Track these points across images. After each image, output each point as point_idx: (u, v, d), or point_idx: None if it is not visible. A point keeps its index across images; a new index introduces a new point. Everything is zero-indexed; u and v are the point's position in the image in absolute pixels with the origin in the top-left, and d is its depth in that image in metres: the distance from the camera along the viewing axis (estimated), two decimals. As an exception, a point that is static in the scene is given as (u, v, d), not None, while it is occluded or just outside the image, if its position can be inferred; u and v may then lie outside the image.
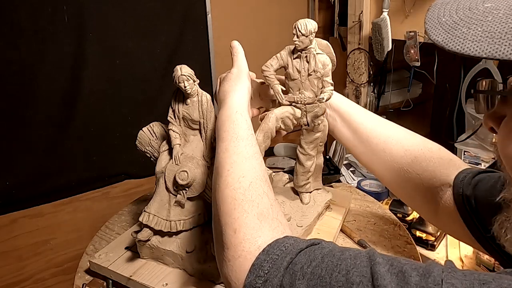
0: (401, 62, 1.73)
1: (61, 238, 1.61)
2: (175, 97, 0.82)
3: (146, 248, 0.81)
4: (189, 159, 0.79)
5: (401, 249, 0.91)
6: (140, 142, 0.90)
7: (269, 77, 0.80)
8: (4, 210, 1.44)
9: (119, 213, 1.07)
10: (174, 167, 0.78)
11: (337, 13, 2.07)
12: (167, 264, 0.81)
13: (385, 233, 0.96)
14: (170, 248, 0.79)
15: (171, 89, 0.85)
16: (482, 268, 1.08)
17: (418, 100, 2.20)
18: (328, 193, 0.98)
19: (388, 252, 0.90)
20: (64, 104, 1.45)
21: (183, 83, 0.76)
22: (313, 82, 0.79)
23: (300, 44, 0.76)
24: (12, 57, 1.32)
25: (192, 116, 0.80)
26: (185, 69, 0.77)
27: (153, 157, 0.90)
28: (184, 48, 1.68)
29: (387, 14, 1.62)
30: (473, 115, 1.53)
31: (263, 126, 0.78)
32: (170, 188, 0.79)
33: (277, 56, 0.81)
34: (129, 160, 1.62)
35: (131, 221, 1.02)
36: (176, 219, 0.79)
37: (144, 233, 0.78)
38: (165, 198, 0.79)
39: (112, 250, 0.86)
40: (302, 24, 0.75)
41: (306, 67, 0.79)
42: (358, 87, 1.97)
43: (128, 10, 1.51)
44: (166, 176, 0.78)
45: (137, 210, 1.07)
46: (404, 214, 1.31)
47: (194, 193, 0.79)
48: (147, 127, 0.90)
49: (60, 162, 1.50)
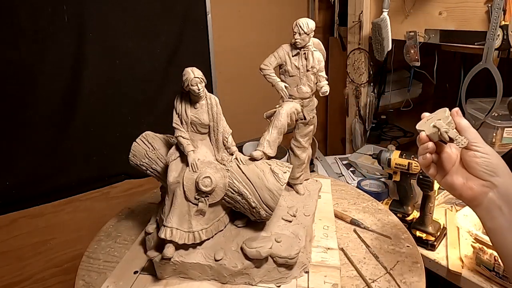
0: (401, 62, 1.73)
1: (61, 238, 1.61)
2: (180, 101, 0.77)
3: (168, 265, 0.76)
4: (206, 165, 0.76)
5: (385, 221, 1.05)
6: (135, 155, 0.85)
7: (270, 75, 0.83)
8: (4, 210, 1.44)
9: (97, 240, 0.98)
10: (193, 174, 0.74)
11: (337, 13, 2.07)
12: (193, 278, 0.77)
13: (367, 209, 1.10)
14: (197, 260, 0.75)
15: (171, 89, 0.84)
16: (482, 268, 1.08)
17: (418, 100, 2.20)
18: (317, 181, 1.04)
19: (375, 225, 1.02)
20: (64, 104, 1.45)
21: (197, 86, 0.73)
22: (310, 77, 0.84)
23: (301, 42, 0.80)
24: (12, 57, 1.32)
25: (201, 120, 0.77)
26: (197, 72, 0.73)
27: (150, 169, 0.85)
28: (184, 48, 1.68)
29: (387, 14, 1.62)
30: (473, 115, 1.53)
31: (276, 123, 0.81)
32: (190, 197, 0.74)
33: (274, 55, 0.84)
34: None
35: (115, 245, 0.95)
36: (199, 229, 0.75)
37: (170, 250, 0.74)
38: (185, 209, 0.75)
39: (119, 278, 0.79)
40: (304, 23, 0.79)
41: (305, 64, 0.83)
42: (358, 87, 1.97)
43: (128, 10, 1.51)
44: (184, 186, 0.74)
45: (114, 231, 1.00)
46: (404, 214, 1.31)
47: (215, 199, 0.76)
48: (140, 139, 0.86)
49: (60, 162, 1.50)
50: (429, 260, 1.20)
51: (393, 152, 1.33)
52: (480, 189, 0.62)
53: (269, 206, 0.76)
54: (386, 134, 2.21)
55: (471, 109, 1.55)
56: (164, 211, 0.77)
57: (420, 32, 1.57)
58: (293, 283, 0.76)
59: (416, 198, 1.34)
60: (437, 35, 1.52)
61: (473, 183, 0.63)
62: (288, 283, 0.75)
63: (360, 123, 2.04)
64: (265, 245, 0.74)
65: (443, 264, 1.17)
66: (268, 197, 0.76)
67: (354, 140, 2.07)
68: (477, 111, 1.52)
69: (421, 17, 1.56)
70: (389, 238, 0.96)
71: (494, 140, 1.49)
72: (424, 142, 0.65)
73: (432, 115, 0.68)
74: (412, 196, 1.32)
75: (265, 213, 0.77)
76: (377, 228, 1.00)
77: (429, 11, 1.53)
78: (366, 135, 2.07)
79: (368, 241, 0.94)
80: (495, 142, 1.49)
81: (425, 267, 0.87)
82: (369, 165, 1.75)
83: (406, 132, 2.26)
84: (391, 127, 2.29)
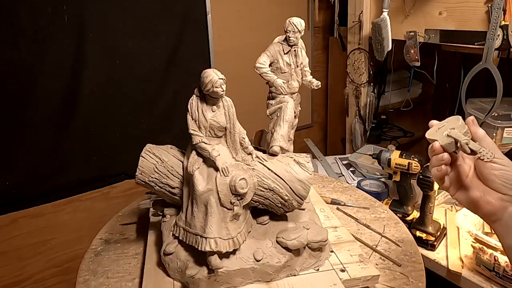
0: (401, 62, 1.73)
1: (61, 238, 1.61)
2: (196, 106, 0.74)
3: (213, 280, 0.73)
4: (234, 167, 0.74)
5: (356, 196, 1.18)
6: (143, 172, 0.78)
7: (267, 73, 0.86)
8: (4, 210, 1.45)
9: (83, 277, 0.85)
10: (225, 179, 0.72)
11: (337, 13, 2.07)
12: (236, 286, 0.75)
13: (336, 189, 1.21)
14: (239, 266, 0.73)
15: (171, 89, 0.84)
16: (482, 268, 1.08)
17: (418, 100, 2.20)
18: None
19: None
20: (64, 104, 1.45)
21: (221, 87, 0.71)
22: (298, 73, 0.89)
23: (295, 40, 0.85)
24: (12, 57, 1.32)
25: (220, 123, 0.75)
26: (219, 72, 0.71)
27: (159, 185, 0.79)
28: (184, 48, 1.68)
29: (387, 14, 1.62)
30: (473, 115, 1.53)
31: (286, 117, 0.86)
32: (226, 203, 0.72)
33: (267, 53, 0.87)
34: (129, 160, 1.61)
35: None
36: (236, 234, 0.73)
37: (218, 260, 0.71)
38: (221, 216, 0.72)
39: None
40: (297, 22, 0.83)
41: (295, 61, 0.87)
42: (358, 87, 1.97)
43: (128, 10, 1.51)
44: (219, 192, 0.72)
45: (101, 265, 0.88)
46: (404, 214, 1.31)
47: (247, 200, 0.75)
48: (145, 153, 0.79)
49: (60, 162, 1.50)
50: (429, 260, 1.20)
51: (393, 152, 1.33)
52: (499, 203, 0.58)
53: (301, 196, 0.80)
54: (386, 134, 2.21)
55: (471, 109, 1.55)
56: (192, 224, 0.74)
57: (420, 32, 1.57)
58: (327, 263, 0.81)
59: (416, 198, 1.34)
60: (437, 35, 1.52)
61: (491, 197, 0.59)
62: (323, 265, 0.80)
63: (360, 123, 2.04)
64: (301, 233, 0.77)
65: (443, 264, 1.17)
66: (300, 187, 0.79)
67: (354, 140, 2.07)
68: (477, 111, 1.52)
69: (421, 17, 1.56)
70: (368, 208, 1.10)
71: (494, 140, 1.49)
72: (438, 153, 0.61)
73: (443, 123, 0.64)
74: (412, 196, 1.32)
75: (297, 203, 0.80)
76: (354, 203, 1.13)
77: (429, 11, 1.53)
78: (366, 135, 2.07)
79: (353, 216, 1.06)
80: (495, 142, 1.49)
81: (425, 267, 0.87)
82: (369, 165, 1.75)
83: (406, 132, 2.26)
84: (391, 127, 2.29)
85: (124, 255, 0.91)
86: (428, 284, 0.82)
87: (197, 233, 0.73)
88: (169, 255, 0.77)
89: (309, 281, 0.76)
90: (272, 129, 0.88)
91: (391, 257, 0.89)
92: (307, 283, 0.75)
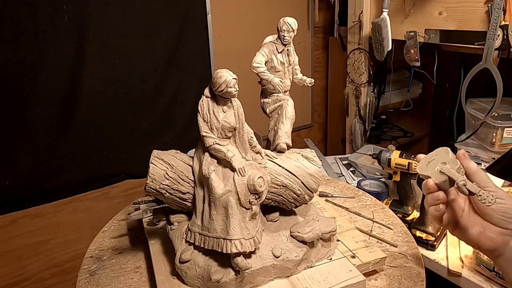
0: (401, 62, 1.73)
1: (61, 238, 1.61)
2: (207, 107, 0.73)
3: (237, 282, 0.72)
4: (248, 167, 0.74)
5: (339, 187, 1.20)
6: (154, 179, 0.75)
7: (264, 72, 0.87)
8: (4, 210, 1.45)
9: None
10: (242, 179, 0.72)
11: (337, 13, 2.07)
12: (258, 285, 0.75)
13: None
14: (262, 264, 0.73)
15: (171, 89, 0.83)
16: (482, 268, 1.08)
17: (418, 100, 2.20)
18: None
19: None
20: (64, 104, 1.45)
21: (234, 87, 0.70)
22: (290, 71, 0.90)
23: (289, 39, 0.86)
24: (12, 57, 1.32)
25: (230, 124, 0.74)
26: (231, 72, 0.71)
27: (169, 191, 0.76)
28: (184, 48, 1.68)
29: (387, 14, 1.62)
30: (473, 115, 1.53)
31: (288, 114, 0.87)
32: (245, 203, 0.72)
33: (262, 53, 0.87)
34: (129, 160, 1.62)
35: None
36: (255, 233, 0.73)
37: (244, 261, 0.71)
38: (241, 217, 0.72)
39: None
40: (292, 22, 0.85)
41: (288, 59, 0.89)
42: (358, 87, 1.97)
43: (128, 10, 1.51)
44: (239, 193, 0.71)
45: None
46: (404, 214, 1.31)
47: (263, 198, 0.75)
48: (154, 160, 0.76)
49: (60, 162, 1.50)
50: (429, 260, 1.20)
51: (393, 152, 1.33)
52: (501, 238, 0.56)
53: (313, 190, 0.82)
54: (386, 134, 2.21)
55: (471, 109, 1.55)
56: (210, 228, 0.73)
57: (420, 32, 1.57)
58: (337, 252, 0.84)
59: (416, 198, 1.34)
60: (437, 35, 1.52)
61: (491, 232, 0.56)
62: (334, 254, 0.83)
63: (360, 123, 2.04)
64: (314, 226, 0.79)
65: (443, 264, 1.17)
66: (311, 181, 0.81)
67: (354, 140, 2.07)
68: (477, 111, 1.52)
69: (421, 17, 1.56)
70: (353, 197, 1.15)
71: (494, 140, 1.49)
72: (433, 191, 0.58)
73: (432, 155, 0.61)
74: (412, 196, 1.32)
75: (309, 197, 0.83)
76: (339, 194, 1.17)
77: (429, 11, 1.53)
78: (366, 135, 2.07)
79: (342, 205, 1.10)
80: (495, 142, 1.49)
81: (425, 267, 0.87)
82: (369, 165, 1.75)
83: (406, 132, 2.26)
84: (391, 127, 2.29)
85: (123, 271, 0.85)
86: (428, 284, 0.82)
87: (219, 236, 0.71)
88: (185, 263, 0.74)
89: (326, 270, 0.78)
90: (274, 127, 0.89)
91: (387, 239, 0.94)
92: (325, 273, 0.77)
